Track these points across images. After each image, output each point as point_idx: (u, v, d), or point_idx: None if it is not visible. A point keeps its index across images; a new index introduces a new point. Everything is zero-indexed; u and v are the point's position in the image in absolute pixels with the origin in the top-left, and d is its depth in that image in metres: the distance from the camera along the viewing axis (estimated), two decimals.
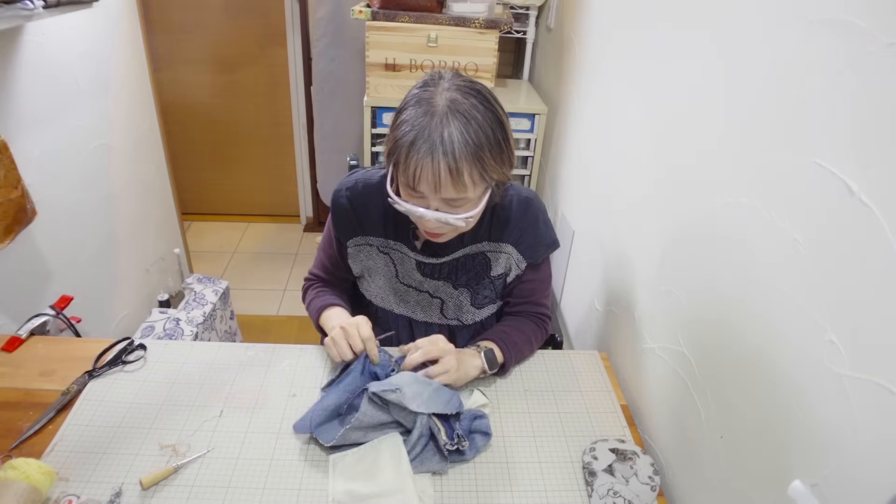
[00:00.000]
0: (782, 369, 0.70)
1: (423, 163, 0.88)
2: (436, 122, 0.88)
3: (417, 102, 0.91)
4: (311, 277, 1.24)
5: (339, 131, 2.74)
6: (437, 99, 0.90)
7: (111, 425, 0.95)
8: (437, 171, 0.88)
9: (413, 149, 0.88)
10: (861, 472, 0.58)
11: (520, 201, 1.09)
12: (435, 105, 0.89)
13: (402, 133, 0.89)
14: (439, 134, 0.87)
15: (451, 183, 0.89)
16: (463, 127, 0.88)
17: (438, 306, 1.15)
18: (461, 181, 0.89)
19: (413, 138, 0.88)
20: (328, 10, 2.44)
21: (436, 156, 0.87)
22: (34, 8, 1.18)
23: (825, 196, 0.63)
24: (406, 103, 0.93)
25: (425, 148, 0.87)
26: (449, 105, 0.89)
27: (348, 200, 1.09)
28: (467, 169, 0.89)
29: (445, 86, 0.92)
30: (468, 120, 0.89)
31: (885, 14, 0.56)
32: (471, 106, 0.90)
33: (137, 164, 2.00)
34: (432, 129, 0.87)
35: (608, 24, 1.43)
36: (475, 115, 0.90)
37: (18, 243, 1.36)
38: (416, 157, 0.88)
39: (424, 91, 0.92)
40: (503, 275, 1.13)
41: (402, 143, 0.89)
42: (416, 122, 0.89)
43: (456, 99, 0.90)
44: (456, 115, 0.88)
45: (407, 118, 0.90)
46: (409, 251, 1.10)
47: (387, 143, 0.95)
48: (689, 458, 0.93)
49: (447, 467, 0.91)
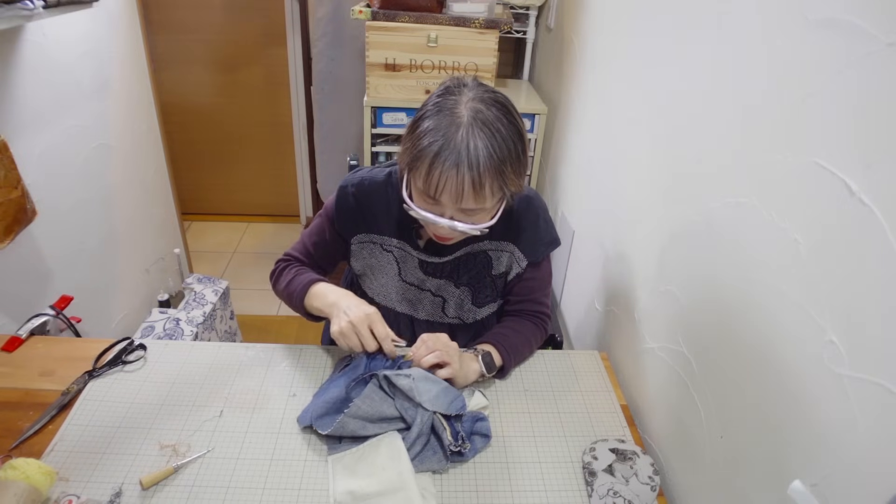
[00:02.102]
0: (782, 369, 0.70)
1: (448, 175, 0.87)
2: (462, 134, 0.87)
3: (440, 111, 0.90)
4: (287, 258, 1.18)
5: (339, 131, 2.74)
6: (460, 109, 0.89)
7: (111, 425, 0.95)
8: (462, 183, 0.87)
9: (438, 160, 0.87)
10: (861, 472, 0.58)
11: (521, 199, 1.08)
12: (459, 115, 0.89)
13: (427, 143, 0.88)
14: (465, 146, 0.87)
15: (472, 195, 0.89)
16: (488, 140, 0.88)
17: (440, 305, 1.15)
18: (482, 194, 0.89)
19: (438, 149, 0.87)
20: (328, 10, 2.44)
21: (461, 168, 0.87)
22: (34, 8, 1.18)
23: (825, 196, 0.63)
24: (426, 111, 0.92)
25: (451, 160, 0.87)
26: (474, 116, 0.88)
27: (354, 197, 1.09)
28: (489, 182, 0.89)
29: (470, 95, 0.91)
30: (493, 133, 0.88)
31: (885, 14, 0.56)
32: (495, 118, 0.89)
33: (137, 164, 2.00)
34: (458, 141, 0.87)
35: (608, 24, 1.43)
36: (499, 127, 0.89)
37: (18, 243, 1.36)
38: (441, 169, 0.87)
39: (446, 99, 0.91)
40: (504, 273, 1.13)
41: (426, 153, 0.88)
42: (440, 132, 0.88)
43: (480, 110, 0.89)
44: (482, 127, 0.88)
45: (429, 128, 0.89)
46: (413, 250, 1.10)
47: (406, 150, 0.93)
48: (689, 458, 0.93)
49: (447, 466, 0.91)
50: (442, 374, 0.98)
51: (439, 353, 0.99)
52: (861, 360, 0.58)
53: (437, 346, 1.00)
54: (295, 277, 1.12)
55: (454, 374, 0.99)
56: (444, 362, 0.99)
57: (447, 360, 0.99)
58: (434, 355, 0.99)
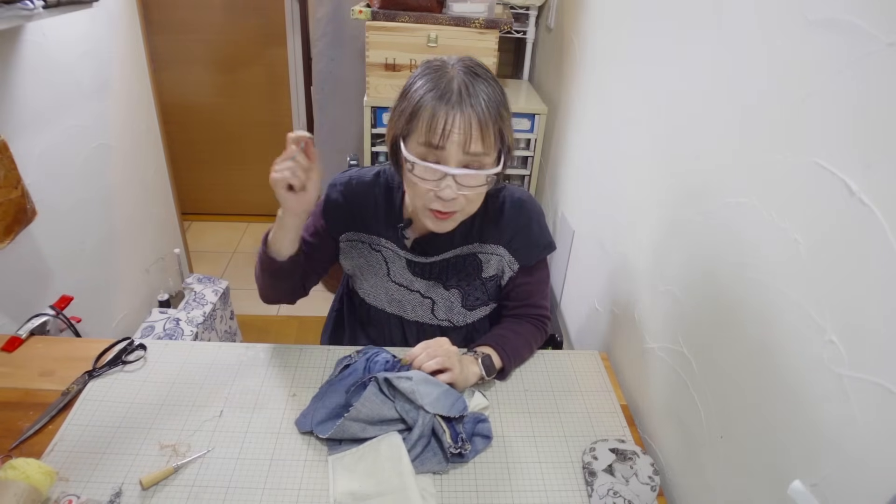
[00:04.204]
0: (782, 369, 0.70)
1: (454, 115, 0.88)
2: (458, 81, 0.90)
3: (428, 73, 0.92)
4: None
5: (339, 131, 2.74)
6: (449, 69, 0.92)
7: (111, 425, 0.95)
8: (469, 122, 0.88)
9: (440, 103, 0.88)
10: (861, 472, 0.58)
11: (512, 203, 1.08)
12: (449, 72, 0.92)
13: (425, 95, 0.89)
14: (465, 90, 0.89)
15: (479, 136, 0.89)
16: (485, 86, 0.91)
17: (429, 306, 1.15)
18: (488, 134, 0.90)
19: (440, 95, 0.89)
20: (328, 10, 2.44)
21: (464, 108, 0.88)
22: (34, 8, 1.18)
23: (825, 196, 0.63)
24: (413, 78, 0.94)
25: (455, 102, 0.88)
26: (464, 71, 0.92)
27: (342, 195, 1.09)
28: (492, 124, 0.90)
29: (454, 61, 0.94)
30: (487, 81, 0.92)
31: (885, 14, 0.56)
32: (484, 72, 0.94)
33: (137, 164, 2.00)
34: (456, 87, 0.89)
35: (608, 24, 1.43)
36: (489, 79, 0.93)
37: (18, 243, 1.36)
38: (446, 111, 0.88)
39: (432, 65, 0.94)
40: (496, 277, 1.13)
41: (426, 103, 0.89)
42: (436, 83, 0.90)
43: (470, 66, 0.93)
44: (474, 77, 0.91)
45: (424, 84, 0.91)
46: (400, 250, 1.10)
47: (401, 114, 0.93)
48: (689, 458, 0.93)
49: (447, 468, 0.91)
50: (443, 379, 0.98)
51: (441, 360, 0.99)
52: (861, 360, 0.58)
53: (439, 353, 1.00)
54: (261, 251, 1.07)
55: (455, 379, 0.99)
56: (446, 368, 0.99)
57: (448, 366, 0.99)
58: (436, 361, 0.98)
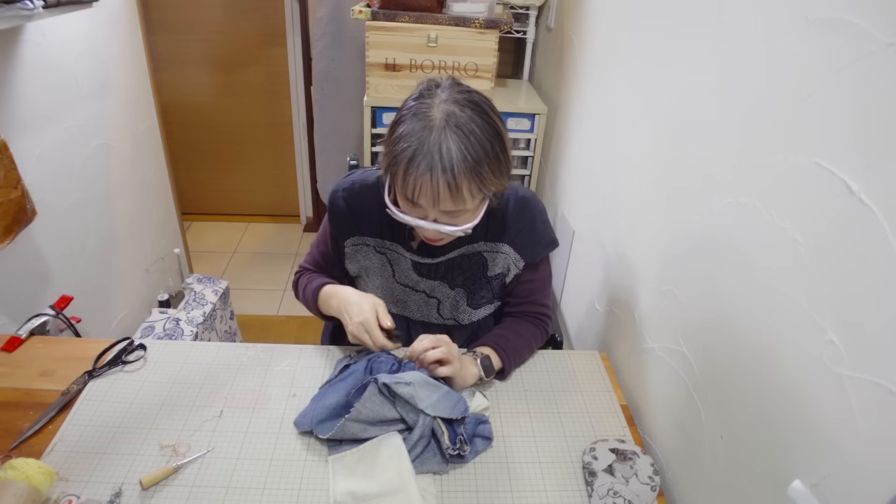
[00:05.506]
0: (782, 369, 0.70)
1: (423, 180, 0.88)
2: (434, 138, 0.87)
3: (414, 116, 0.91)
4: (301, 270, 1.25)
5: (339, 131, 2.74)
6: (433, 112, 0.90)
7: (111, 425, 0.95)
8: (437, 187, 0.88)
9: (412, 165, 0.88)
10: (861, 472, 0.58)
11: (516, 201, 1.09)
12: (432, 119, 0.89)
13: (401, 149, 0.89)
14: (438, 150, 0.87)
15: (449, 198, 0.89)
16: (461, 142, 0.88)
17: (435, 306, 1.15)
18: (460, 196, 0.90)
19: (412, 154, 0.88)
20: (328, 10, 2.44)
21: (434, 173, 0.87)
22: (34, 8, 1.18)
23: (825, 196, 0.63)
24: (402, 116, 0.93)
25: (424, 164, 0.87)
26: (446, 119, 0.89)
27: (345, 201, 1.10)
28: (466, 184, 0.89)
29: (443, 97, 0.91)
30: (466, 135, 0.88)
31: (885, 14, 0.56)
32: (468, 119, 0.89)
33: (137, 164, 2.00)
34: (430, 144, 0.87)
35: (608, 24, 1.43)
36: (473, 128, 0.89)
37: (18, 243, 1.36)
38: (416, 174, 0.88)
39: (421, 104, 0.91)
40: (501, 275, 1.13)
41: (400, 159, 0.89)
42: (414, 137, 0.88)
43: (453, 112, 0.89)
44: (454, 129, 0.88)
45: (404, 132, 0.90)
46: (405, 251, 1.11)
47: (385, 155, 0.94)
48: (689, 458, 0.93)
49: (447, 468, 0.91)
50: (442, 372, 0.98)
51: (443, 350, 0.99)
52: (861, 360, 0.58)
53: (441, 344, 1.00)
54: (307, 286, 1.17)
55: (454, 373, 0.99)
56: (446, 360, 0.99)
57: (449, 358, 0.99)
58: (438, 350, 0.98)
